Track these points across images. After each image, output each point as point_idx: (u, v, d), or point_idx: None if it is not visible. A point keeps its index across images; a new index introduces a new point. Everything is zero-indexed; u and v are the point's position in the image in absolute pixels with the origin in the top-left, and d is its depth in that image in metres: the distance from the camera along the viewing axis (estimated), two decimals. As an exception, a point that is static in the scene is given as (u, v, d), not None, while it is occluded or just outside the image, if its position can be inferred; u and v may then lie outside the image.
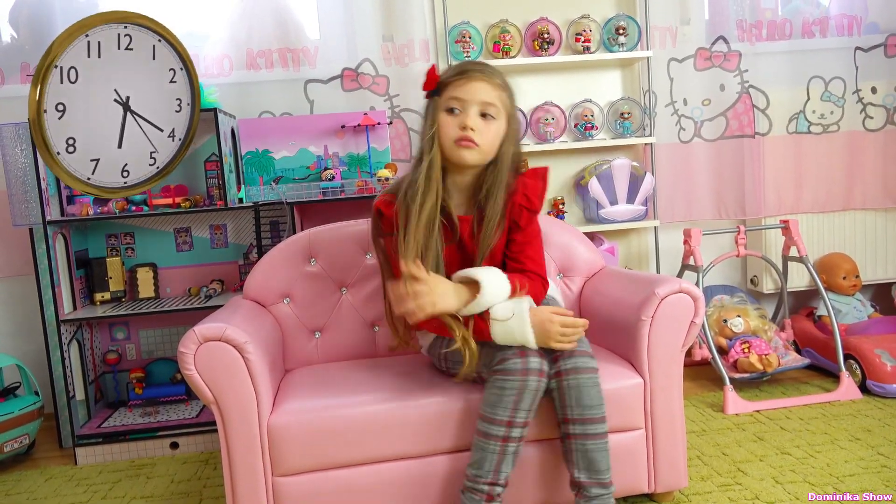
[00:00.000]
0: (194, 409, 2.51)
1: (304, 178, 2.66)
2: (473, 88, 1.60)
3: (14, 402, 2.39)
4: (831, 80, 2.99)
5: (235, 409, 1.58)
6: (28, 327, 2.81)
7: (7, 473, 2.30)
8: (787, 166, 2.99)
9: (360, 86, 2.81)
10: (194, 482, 2.12)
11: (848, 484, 1.81)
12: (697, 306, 1.72)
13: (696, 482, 1.88)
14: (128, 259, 2.64)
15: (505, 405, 1.52)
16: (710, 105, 2.96)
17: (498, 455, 1.53)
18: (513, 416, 1.53)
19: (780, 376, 2.71)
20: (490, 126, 1.61)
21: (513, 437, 1.54)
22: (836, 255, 2.95)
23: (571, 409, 1.55)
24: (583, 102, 2.95)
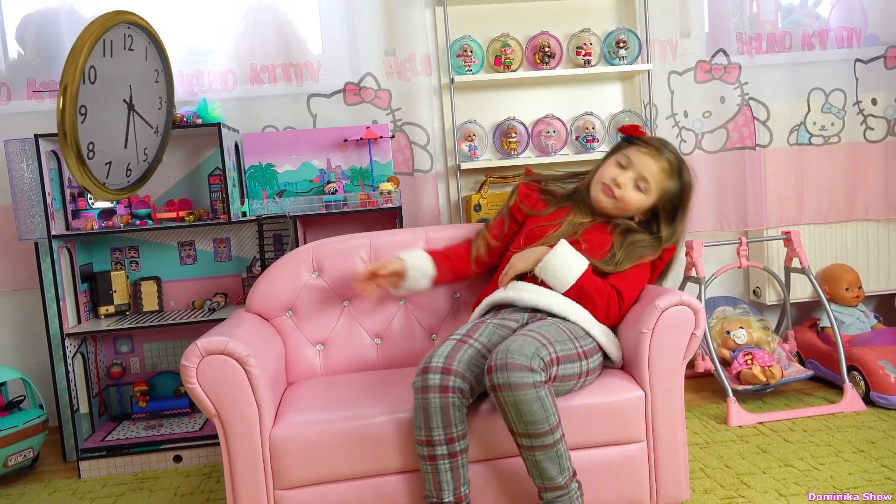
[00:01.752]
0: (198, 423, 2.51)
1: (307, 192, 2.67)
2: (643, 161, 1.87)
3: (18, 416, 2.40)
4: (831, 91, 3.00)
5: (237, 423, 1.59)
6: (32, 341, 2.82)
7: (11, 487, 2.30)
8: (788, 178, 3.00)
9: (362, 100, 2.83)
10: (197, 495, 2.12)
11: (852, 496, 1.81)
12: (698, 318, 1.72)
13: (699, 495, 1.88)
14: (132, 272, 2.66)
15: (418, 425, 1.55)
16: (711, 117, 2.97)
17: (432, 475, 1.55)
18: (429, 435, 1.54)
19: (784, 388, 2.70)
20: (636, 194, 1.88)
21: (439, 454, 1.54)
22: (839, 266, 2.95)
23: (515, 424, 1.51)
24: (584, 115, 2.97)
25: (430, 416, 1.53)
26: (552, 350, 1.57)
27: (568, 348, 1.62)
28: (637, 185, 1.87)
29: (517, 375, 1.47)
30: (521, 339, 1.54)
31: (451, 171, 2.96)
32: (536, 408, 1.48)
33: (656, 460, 1.72)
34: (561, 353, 1.59)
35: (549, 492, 1.55)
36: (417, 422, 1.55)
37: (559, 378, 1.59)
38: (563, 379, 1.60)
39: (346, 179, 2.69)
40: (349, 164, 2.70)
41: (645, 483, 1.72)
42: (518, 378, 1.47)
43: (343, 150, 2.69)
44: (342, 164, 2.69)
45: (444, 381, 1.53)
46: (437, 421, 1.53)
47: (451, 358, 1.57)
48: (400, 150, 2.84)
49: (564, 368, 1.60)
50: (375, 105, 2.83)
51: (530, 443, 1.51)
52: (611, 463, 1.69)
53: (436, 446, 1.54)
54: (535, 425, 1.49)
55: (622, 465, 1.69)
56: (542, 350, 1.54)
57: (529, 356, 1.50)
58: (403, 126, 2.84)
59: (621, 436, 1.69)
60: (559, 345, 1.60)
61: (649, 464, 1.72)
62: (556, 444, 1.52)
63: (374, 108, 2.83)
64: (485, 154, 2.94)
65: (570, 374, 1.62)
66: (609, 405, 1.67)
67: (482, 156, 2.92)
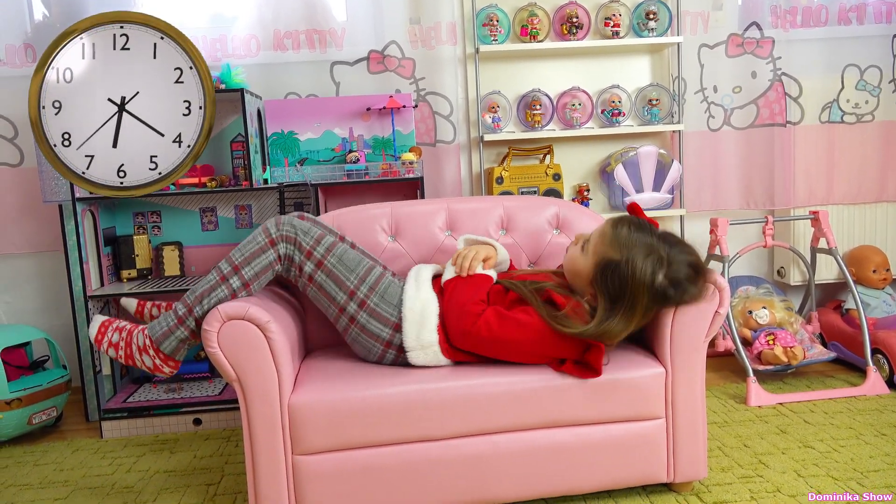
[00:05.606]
0: (217, 387, 2.54)
1: (328, 161, 2.66)
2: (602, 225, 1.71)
3: (42, 375, 2.44)
4: (867, 68, 2.92)
5: (257, 388, 1.60)
6: (56, 302, 2.86)
7: (36, 444, 2.35)
8: (818, 156, 2.93)
9: (385, 68, 2.80)
10: (216, 458, 2.15)
11: (872, 479, 1.79)
12: (722, 296, 1.70)
13: (717, 473, 1.87)
14: (154, 237, 2.67)
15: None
16: (741, 92, 2.91)
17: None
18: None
19: (805, 369, 2.67)
20: (575, 250, 1.73)
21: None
22: (867, 247, 2.89)
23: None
24: (610, 88, 2.91)
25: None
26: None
27: (349, 278, 1.72)
28: (583, 245, 1.71)
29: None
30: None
31: (473, 143, 2.93)
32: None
33: (675, 437, 1.71)
34: (338, 271, 1.72)
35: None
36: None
37: (316, 280, 1.73)
38: (320, 287, 1.74)
39: (368, 149, 2.67)
40: (371, 133, 2.68)
41: (663, 460, 1.71)
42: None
43: (365, 120, 2.67)
44: (364, 134, 2.68)
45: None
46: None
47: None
48: (423, 121, 2.81)
49: (325, 277, 1.72)
50: (399, 74, 2.80)
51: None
52: (629, 439, 1.68)
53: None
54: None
55: (641, 441, 1.68)
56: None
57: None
58: (427, 96, 2.81)
59: (641, 412, 1.68)
60: (350, 273, 1.72)
61: (668, 441, 1.71)
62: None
63: (397, 77, 2.80)
64: (508, 126, 2.90)
65: (331, 289, 1.73)
66: (629, 381, 1.66)
67: (505, 128, 2.88)
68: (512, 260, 1.99)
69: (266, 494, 1.62)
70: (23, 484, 2.05)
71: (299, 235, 1.72)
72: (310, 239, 1.73)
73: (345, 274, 1.73)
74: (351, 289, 1.73)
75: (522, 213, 2.14)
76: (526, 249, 2.11)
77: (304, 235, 1.72)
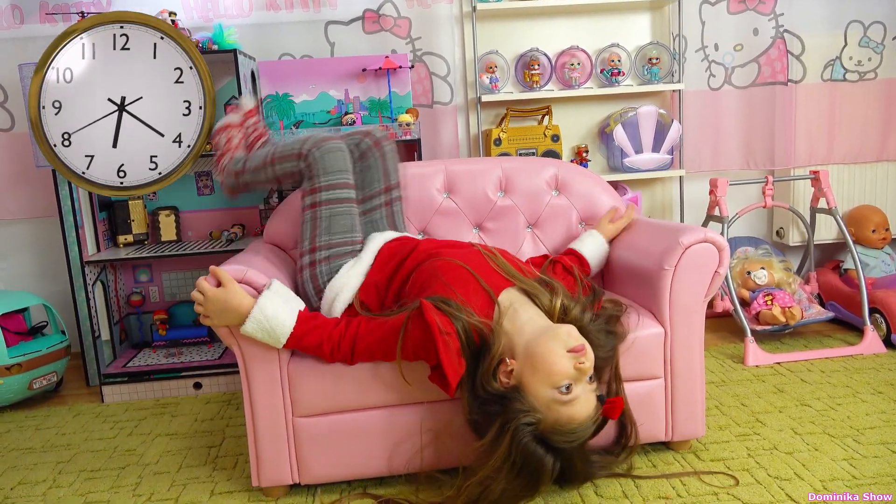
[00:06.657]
0: (217, 351, 2.55)
1: (324, 123, 2.63)
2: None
3: (42, 341, 2.45)
4: (871, 24, 2.87)
5: (256, 351, 1.59)
6: (54, 268, 2.85)
7: (37, 409, 2.36)
8: (820, 115, 2.90)
9: (381, 28, 2.75)
10: (217, 421, 2.16)
11: (868, 436, 1.80)
12: (722, 256, 1.69)
13: (714, 431, 1.89)
14: (149, 202, 2.65)
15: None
16: (743, 50, 2.86)
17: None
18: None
19: (803, 329, 2.68)
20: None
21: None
22: (866, 207, 2.88)
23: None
24: (610, 47, 2.87)
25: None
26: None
27: (321, 236, 1.78)
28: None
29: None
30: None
31: (471, 104, 2.89)
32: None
33: (673, 397, 1.72)
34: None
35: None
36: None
37: (304, 215, 1.81)
38: (304, 222, 1.81)
39: (364, 111, 2.63)
40: (367, 94, 2.64)
41: (661, 419, 1.73)
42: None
43: (361, 81, 2.63)
44: (360, 95, 2.64)
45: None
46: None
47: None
48: (419, 82, 2.77)
49: (308, 218, 1.80)
50: (394, 34, 2.75)
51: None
52: (629, 398, 1.68)
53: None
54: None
55: (640, 400, 1.68)
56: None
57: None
58: (423, 56, 2.76)
59: (640, 372, 1.69)
60: (325, 234, 1.78)
61: (666, 400, 1.73)
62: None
63: (393, 37, 2.75)
64: (506, 87, 2.86)
65: (305, 232, 1.80)
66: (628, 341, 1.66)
67: (503, 88, 2.84)
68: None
69: (267, 456, 1.63)
70: (25, 448, 2.06)
71: (318, 169, 1.79)
72: (324, 179, 1.78)
73: (321, 231, 1.78)
74: (315, 245, 1.78)
75: (521, 175, 2.12)
76: (525, 211, 2.10)
77: (323, 173, 1.78)
